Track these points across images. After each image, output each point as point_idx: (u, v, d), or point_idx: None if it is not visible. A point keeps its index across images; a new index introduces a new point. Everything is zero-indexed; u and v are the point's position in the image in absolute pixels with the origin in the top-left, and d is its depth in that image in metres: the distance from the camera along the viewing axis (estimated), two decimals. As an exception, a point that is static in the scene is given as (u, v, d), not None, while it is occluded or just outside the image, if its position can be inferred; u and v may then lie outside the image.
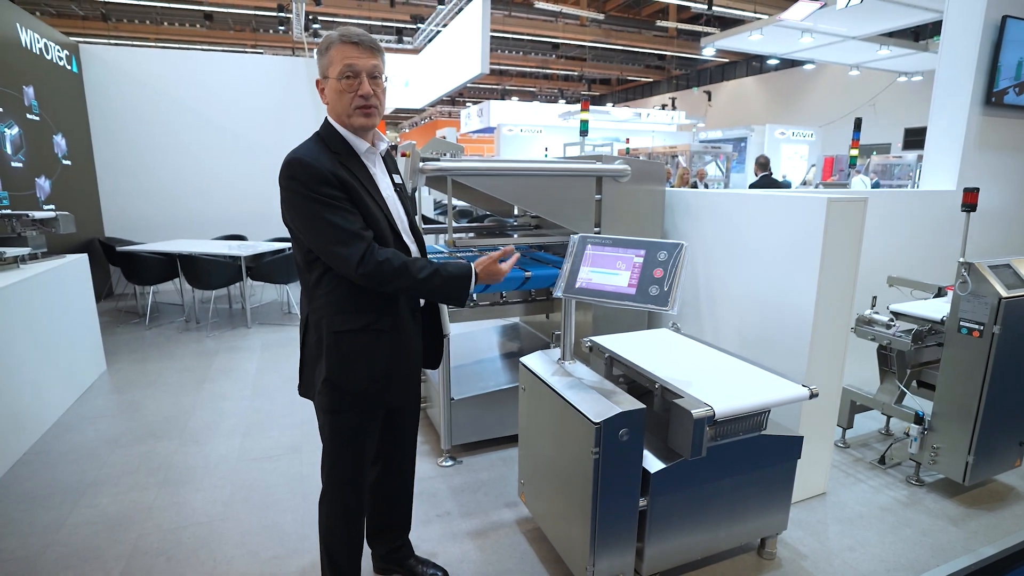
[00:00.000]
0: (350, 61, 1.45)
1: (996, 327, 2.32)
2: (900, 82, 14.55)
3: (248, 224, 6.94)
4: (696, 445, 1.70)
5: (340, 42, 1.45)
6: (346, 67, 1.45)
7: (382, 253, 1.45)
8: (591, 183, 2.91)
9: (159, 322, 5.49)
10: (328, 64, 1.48)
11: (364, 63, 1.46)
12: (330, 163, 1.46)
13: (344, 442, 1.64)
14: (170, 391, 3.80)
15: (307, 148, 1.49)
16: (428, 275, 1.49)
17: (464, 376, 3.09)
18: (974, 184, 3.25)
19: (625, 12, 16.72)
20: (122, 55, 6.57)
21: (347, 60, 1.45)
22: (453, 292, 1.55)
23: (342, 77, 1.46)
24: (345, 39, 1.45)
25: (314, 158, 1.45)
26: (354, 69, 1.45)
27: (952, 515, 2.46)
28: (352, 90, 1.47)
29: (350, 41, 1.45)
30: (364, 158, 1.56)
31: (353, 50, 1.45)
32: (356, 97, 1.47)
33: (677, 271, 1.73)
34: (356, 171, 1.52)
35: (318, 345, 1.57)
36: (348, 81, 1.46)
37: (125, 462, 2.88)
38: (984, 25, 3.69)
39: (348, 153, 1.53)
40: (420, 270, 1.48)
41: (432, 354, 1.81)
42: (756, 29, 10.52)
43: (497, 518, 2.44)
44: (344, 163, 1.50)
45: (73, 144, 5.89)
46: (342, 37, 1.46)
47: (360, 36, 1.47)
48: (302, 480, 2.73)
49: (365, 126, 1.53)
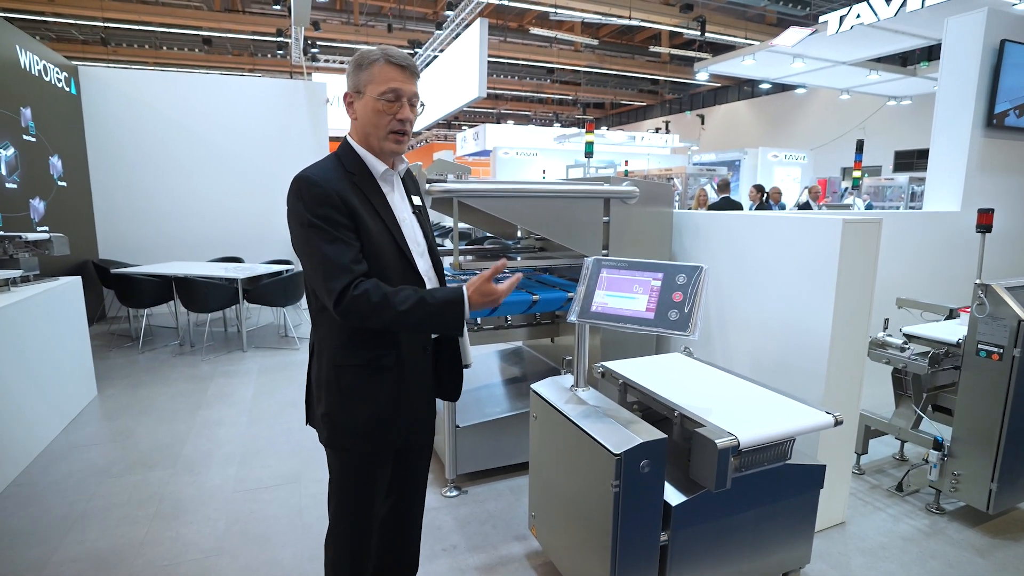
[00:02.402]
0: (396, 85, 1.40)
1: (1016, 350, 2.27)
2: (890, 106, 14.81)
3: (245, 246, 6.88)
4: (721, 477, 1.62)
5: (385, 62, 1.40)
6: (390, 90, 1.40)
7: (361, 286, 1.33)
8: (599, 205, 2.87)
9: (153, 346, 5.38)
10: (367, 81, 1.41)
11: (407, 88, 1.42)
12: (340, 184, 1.40)
13: (351, 480, 1.54)
14: (163, 418, 3.68)
15: (320, 167, 1.44)
16: (412, 305, 1.34)
17: (469, 403, 3.00)
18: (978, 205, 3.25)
19: (618, 38, 17.00)
20: (121, 77, 6.56)
21: (392, 83, 1.40)
22: (446, 321, 1.40)
23: (383, 99, 1.40)
24: (391, 60, 1.40)
25: (323, 178, 1.39)
26: (398, 93, 1.41)
27: (978, 545, 2.37)
28: (391, 113, 1.42)
29: (396, 63, 1.41)
30: (381, 180, 1.50)
31: (399, 73, 1.41)
32: (394, 121, 1.42)
33: (697, 295, 1.67)
34: (370, 194, 1.45)
35: (319, 376, 1.50)
36: (389, 104, 1.41)
37: (115, 493, 2.76)
38: (983, 49, 3.73)
39: (364, 174, 1.47)
40: (403, 301, 1.33)
41: (449, 386, 1.69)
42: (749, 54, 10.70)
43: (506, 552, 2.33)
44: (358, 184, 1.44)
45: (69, 165, 5.84)
46: (387, 57, 1.40)
47: (406, 59, 1.42)
48: (302, 512, 2.61)
49: (395, 152, 1.48)
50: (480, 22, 7.91)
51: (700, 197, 8.34)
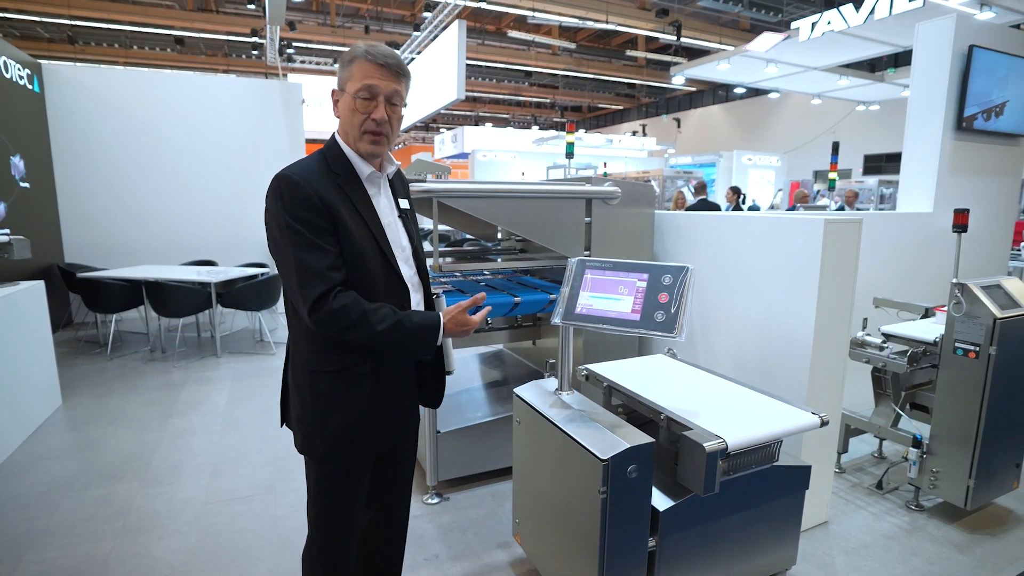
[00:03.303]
0: (371, 82, 1.34)
1: (992, 348, 2.30)
2: (859, 111, 15.16)
3: (219, 249, 6.70)
4: (709, 481, 1.60)
5: (365, 59, 1.34)
6: (365, 87, 1.34)
7: (340, 299, 1.29)
8: (581, 205, 2.85)
9: (122, 352, 5.20)
10: (347, 78, 1.36)
11: (385, 86, 1.36)
12: (322, 185, 1.34)
13: (327, 489, 1.48)
14: (132, 427, 3.55)
15: (303, 165, 1.37)
16: (390, 327, 1.32)
17: (450, 408, 2.94)
18: (950, 206, 3.31)
19: (596, 42, 17.11)
20: (87, 75, 6.35)
21: (367, 80, 1.34)
22: (418, 345, 1.41)
23: (358, 96, 1.35)
24: (370, 57, 1.34)
25: (305, 178, 1.33)
26: (373, 91, 1.35)
27: (957, 542, 2.40)
28: (365, 112, 1.36)
29: (375, 61, 1.34)
30: (367, 182, 1.44)
31: (376, 71, 1.34)
32: (368, 120, 1.36)
33: (684, 295, 1.65)
34: (354, 196, 1.39)
35: (294, 380, 1.45)
36: (364, 102, 1.35)
37: (79, 508, 2.63)
38: (953, 54, 3.81)
39: (349, 175, 1.41)
40: (380, 321, 1.31)
41: (431, 393, 1.63)
42: (724, 59, 10.85)
43: (490, 560, 2.28)
44: (342, 186, 1.38)
45: (32, 166, 5.62)
46: (368, 54, 1.34)
47: (387, 57, 1.36)
48: (277, 523, 2.53)
49: (371, 153, 1.41)
50: (458, 24, 7.85)
51: (677, 199, 8.41)
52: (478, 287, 3.05)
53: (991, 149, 4.17)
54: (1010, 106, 4.15)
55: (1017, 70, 4.13)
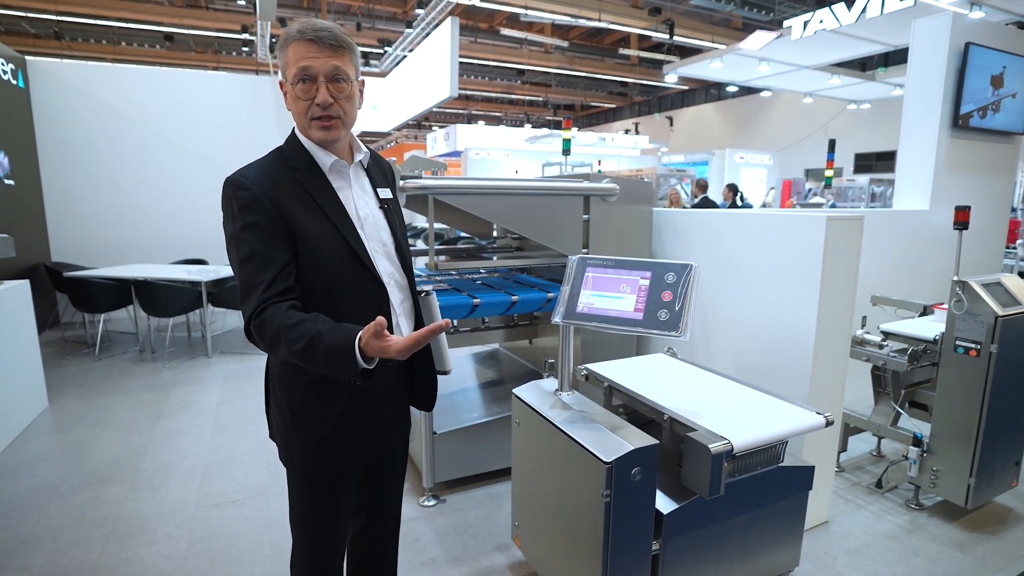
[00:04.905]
0: (305, 63, 1.21)
1: (994, 346, 2.29)
2: (850, 109, 15.25)
3: (210, 248, 6.60)
4: (715, 483, 1.56)
5: (297, 39, 1.22)
6: (300, 70, 1.21)
7: (265, 312, 1.16)
8: (579, 203, 2.81)
9: (110, 352, 5.11)
10: (285, 64, 1.24)
11: (322, 64, 1.21)
12: (273, 184, 1.25)
13: (308, 503, 1.41)
14: (121, 429, 3.47)
15: (256, 165, 1.29)
16: (303, 348, 1.13)
17: (445, 408, 2.90)
18: (946, 204, 3.30)
19: (588, 40, 17.08)
20: (74, 71, 6.24)
21: (301, 61, 1.21)
22: (334, 370, 1.15)
23: (296, 82, 1.23)
24: (301, 35, 1.21)
25: (254, 178, 1.24)
26: (310, 72, 1.22)
27: (957, 541, 2.38)
28: (308, 97, 1.23)
29: (306, 38, 1.21)
30: (331, 173, 1.33)
31: (311, 48, 1.21)
32: (312, 106, 1.24)
33: (688, 294, 1.62)
34: (315, 190, 1.29)
35: (271, 391, 1.39)
36: (303, 86, 1.23)
37: (66, 513, 2.57)
38: (949, 52, 3.81)
39: (310, 168, 1.30)
40: (295, 341, 1.13)
41: (423, 395, 1.53)
42: (716, 57, 10.87)
43: (488, 563, 2.24)
44: (302, 181, 1.28)
45: (17, 163, 5.51)
46: (299, 33, 1.21)
47: (318, 31, 1.21)
48: (270, 527, 2.48)
49: (324, 140, 1.29)
50: (451, 21, 7.79)
51: (672, 197, 8.40)
52: (474, 285, 3.01)
53: (986, 147, 4.18)
54: (1006, 103, 4.15)
55: (1013, 67, 4.14)
